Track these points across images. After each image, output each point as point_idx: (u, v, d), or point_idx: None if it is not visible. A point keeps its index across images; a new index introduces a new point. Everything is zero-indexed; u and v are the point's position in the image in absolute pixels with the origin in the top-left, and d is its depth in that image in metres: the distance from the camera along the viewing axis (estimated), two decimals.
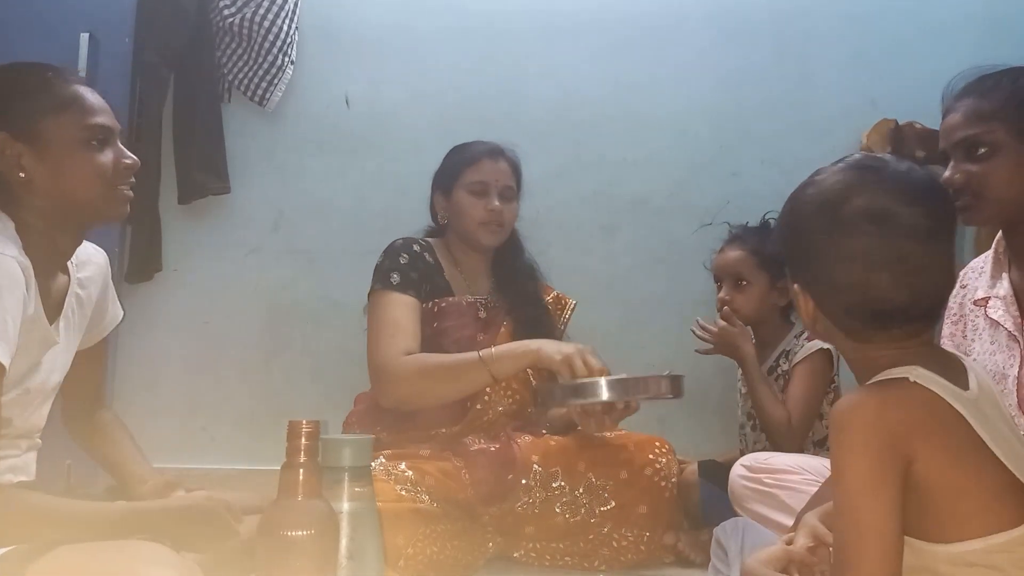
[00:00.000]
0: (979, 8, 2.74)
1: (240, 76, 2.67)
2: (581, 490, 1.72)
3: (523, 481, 1.71)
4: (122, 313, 1.48)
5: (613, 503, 1.71)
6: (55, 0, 2.61)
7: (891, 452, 0.83)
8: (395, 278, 1.79)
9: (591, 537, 1.70)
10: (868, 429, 0.84)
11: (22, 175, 1.19)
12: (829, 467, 1.64)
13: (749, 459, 1.79)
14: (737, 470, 1.76)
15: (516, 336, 1.81)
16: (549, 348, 1.63)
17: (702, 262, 2.28)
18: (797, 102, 2.72)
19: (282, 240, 2.71)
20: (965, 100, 1.31)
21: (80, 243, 1.31)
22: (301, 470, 0.82)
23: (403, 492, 1.57)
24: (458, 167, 1.91)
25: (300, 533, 0.79)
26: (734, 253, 2.10)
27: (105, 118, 1.24)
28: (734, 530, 1.38)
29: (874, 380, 0.90)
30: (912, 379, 0.88)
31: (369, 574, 0.89)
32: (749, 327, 2.06)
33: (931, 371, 0.89)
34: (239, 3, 2.62)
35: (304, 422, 0.84)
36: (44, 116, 1.19)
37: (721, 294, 2.10)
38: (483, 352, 1.65)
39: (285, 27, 2.64)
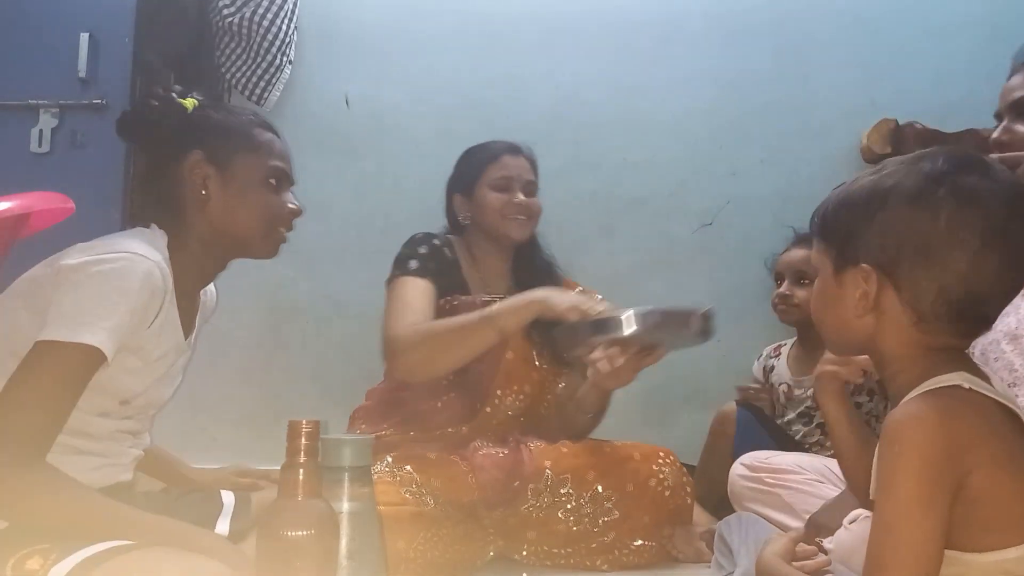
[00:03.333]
0: (979, 8, 2.73)
1: (238, 76, 2.67)
2: (587, 498, 1.70)
3: (532, 486, 1.69)
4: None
5: (617, 513, 1.69)
6: (55, 0, 2.61)
7: (948, 468, 0.81)
8: (412, 264, 1.79)
9: (593, 546, 1.69)
10: (928, 444, 0.81)
11: (204, 192, 1.29)
12: (832, 467, 1.65)
13: (749, 458, 1.79)
14: (738, 469, 1.76)
15: (530, 336, 1.81)
16: (556, 296, 1.57)
17: (763, 261, 2.35)
18: (797, 102, 2.72)
19: None
20: None
21: (222, 271, 1.41)
22: (301, 470, 0.82)
23: (408, 495, 1.56)
24: (479, 166, 1.91)
25: (300, 533, 0.80)
26: (800, 252, 2.21)
27: (285, 165, 1.36)
28: (737, 524, 1.38)
29: (924, 388, 0.86)
30: (967, 386, 0.85)
31: (369, 574, 0.89)
32: None
33: (976, 376, 0.87)
34: (238, 3, 2.62)
35: (304, 422, 0.84)
36: (239, 150, 1.31)
37: (781, 290, 2.20)
38: (486, 309, 1.60)
39: (284, 27, 2.64)
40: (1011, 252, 0.87)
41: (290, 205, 1.35)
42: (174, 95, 1.33)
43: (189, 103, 1.33)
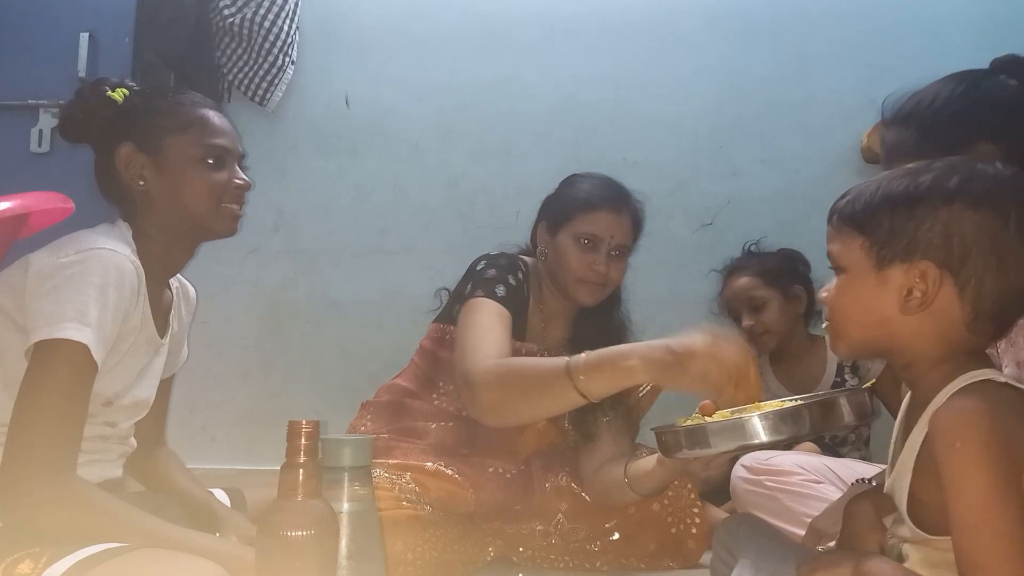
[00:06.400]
0: (979, 7, 2.73)
1: (240, 76, 2.67)
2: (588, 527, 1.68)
3: (540, 527, 1.67)
4: (188, 355, 1.51)
5: (617, 535, 1.67)
6: (55, 0, 2.61)
7: (1011, 456, 0.81)
8: (500, 290, 1.63)
9: (591, 559, 1.68)
10: (990, 434, 0.81)
11: (141, 183, 1.28)
12: (832, 467, 1.65)
13: (750, 459, 1.78)
14: (739, 471, 1.75)
15: None
16: (660, 365, 1.19)
17: (708, 309, 2.31)
18: (797, 102, 2.72)
19: (282, 240, 2.71)
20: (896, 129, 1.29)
21: (191, 257, 1.37)
22: (301, 470, 0.82)
23: (405, 503, 1.54)
24: (573, 209, 1.72)
25: (300, 533, 0.79)
26: (740, 280, 2.19)
27: (224, 140, 1.31)
28: (737, 526, 1.37)
29: (960, 383, 0.87)
30: (1001, 379, 0.87)
31: (369, 574, 0.89)
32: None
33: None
34: (239, 3, 2.62)
35: (304, 422, 0.84)
36: (168, 133, 1.28)
37: (744, 323, 2.16)
38: (571, 361, 1.29)
39: (285, 27, 2.64)
40: None
41: (236, 180, 1.32)
42: (106, 88, 1.31)
43: (119, 94, 1.31)
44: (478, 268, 1.70)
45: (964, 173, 0.90)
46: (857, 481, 1.54)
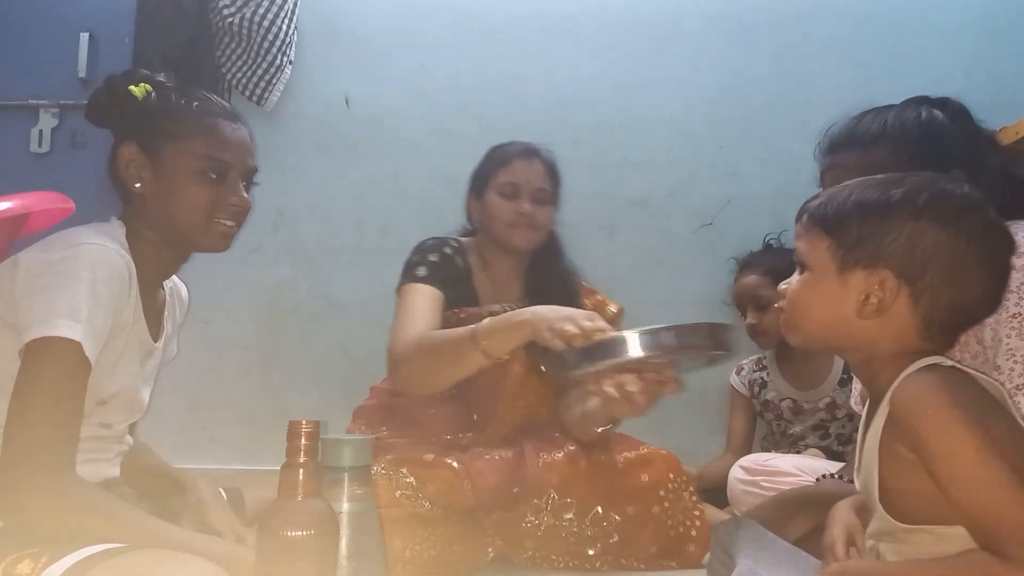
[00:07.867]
0: (978, 9, 2.73)
1: (239, 76, 2.67)
2: (587, 522, 1.67)
3: (535, 501, 1.67)
4: (177, 351, 1.49)
5: (617, 537, 1.67)
6: (55, 0, 2.62)
7: (974, 415, 0.84)
8: (421, 271, 1.75)
9: (591, 560, 1.68)
10: (956, 398, 0.85)
11: (137, 185, 1.26)
12: (831, 470, 1.66)
13: (748, 460, 1.79)
14: (736, 472, 1.76)
15: (533, 348, 1.68)
16: (545, 318, 1.40)
17: (722, 299, 2.35)
18: (797, 102, 2.72)
19: (282, 240, 2.71)
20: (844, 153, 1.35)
21: (184, 262, 1.35)
22: (301, 470, 0.82)
23: (404, 499, 1.54)
24: (491, 168, 1.86)
25: (300, 533, 0.79)
26: (748, 277, 2.21)
27: (228, 154, 1.27)
28: (735, 528, 1.38)
29: (915, 367, 0.90)
30: (949, 363, 0.91)
31: (369, 574, 0.89)
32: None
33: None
34: (239, 3, 2.62)
35: (304, 422, 0.84)
36: (170, 139, 1.25)
37: (748, 320, 2.20)
38: (477, 327, 1.49)
39: (284, 27, 2.64)
40: (1005, 285, 0.95)
41: (232, 198, 1.27)
42: (131, 81, 1.28)
43: (140, 90, 1.27)
44: (406, 260, 1.80)
45: (934, 190, 0.94)
46: (821, 477, 1.54)
